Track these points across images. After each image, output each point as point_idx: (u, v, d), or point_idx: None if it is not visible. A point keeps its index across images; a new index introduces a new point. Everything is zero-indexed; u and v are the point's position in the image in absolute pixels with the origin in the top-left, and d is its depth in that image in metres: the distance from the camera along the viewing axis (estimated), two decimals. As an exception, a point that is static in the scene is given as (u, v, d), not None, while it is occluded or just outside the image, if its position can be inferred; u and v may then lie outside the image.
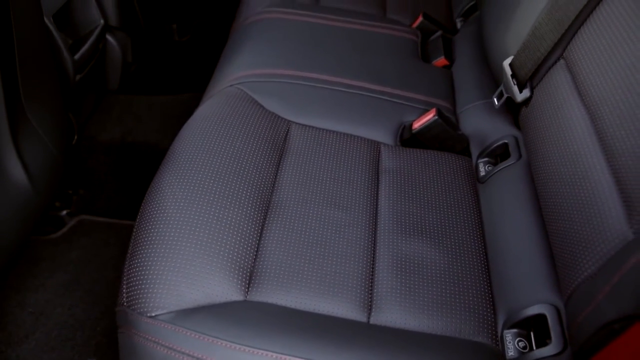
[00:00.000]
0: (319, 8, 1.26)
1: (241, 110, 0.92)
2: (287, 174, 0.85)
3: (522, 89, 0.87)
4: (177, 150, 0.85)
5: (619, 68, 0.64)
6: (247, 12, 1.26)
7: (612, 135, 0.62)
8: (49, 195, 0.99)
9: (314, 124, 0.95)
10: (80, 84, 1.20)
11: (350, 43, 1.14)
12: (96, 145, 1.42)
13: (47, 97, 0.94)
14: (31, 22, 0.87)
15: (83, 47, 1.15)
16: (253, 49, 1.10)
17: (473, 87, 1.07)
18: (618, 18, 0.67)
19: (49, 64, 0.94)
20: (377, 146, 0.94)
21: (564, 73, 0.78)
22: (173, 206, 0.76)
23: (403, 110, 1.01)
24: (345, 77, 1.04)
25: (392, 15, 1.30)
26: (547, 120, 0.78)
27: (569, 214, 0.67)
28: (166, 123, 1.49)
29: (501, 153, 0.94)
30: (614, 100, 0.64)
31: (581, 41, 0.75)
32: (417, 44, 1.19)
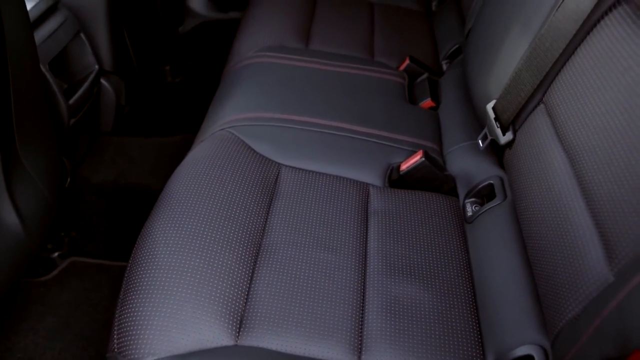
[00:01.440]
0: (308, 52, 1.29)
1: (232, 154, 0.94)
2: (277, 217, 0.86)
3: (505, 132, 0.90)
4: (168, 194, 0.86)
5: (594, 114, 0.67)
6: (239, 56, 1.30)
7: (591, 180, 0.64)
8: (40, 238, 0.99)
9: (304, 167, 0.97)
10: (74, 127, 1.22)
11: (339, 86, 1.17)
12: (89, 187, 1.43)
13: (41, 142, 0.96)
14: (28, 70, 0.89)
15: (78, 92, 1.18)
16: (244, 93, 1.13)
17: (459, 129, 1.10)
18: (592, 67, 0.70)
19: (43, 110, 0.96)
20: (366, 188, 0.96)
21: (544, 117, 0.80)
22: (164, 251, 0.77)
23: (391, 151, 1.03)
24: (335, 120, 1.07)
25: (380, 59, 1.34)
26: (529, 162, 0.81)
27: (552, 256, 0.68)
28: (158, 165, 1.51)
29: (487, 193, 0.96)
30: (591, 146, 0.66)
31: (559, 87, 0.78)
32: (404, 87, 1.23)
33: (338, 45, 1.35)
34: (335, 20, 1.45)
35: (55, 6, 1.13)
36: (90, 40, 1.24)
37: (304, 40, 1.35)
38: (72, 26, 1.16)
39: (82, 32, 1.20)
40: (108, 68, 1.32)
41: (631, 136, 0.59)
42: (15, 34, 0.82)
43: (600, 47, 0.70)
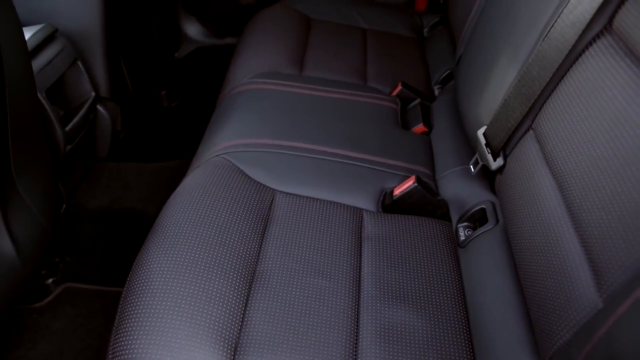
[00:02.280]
0: (302, 78, 1.31)
1: (227, 180, 0.95)
2: (271, 243, 0.87)
3: (495, 158, 0.91)
4: (163, 222, 0.87)
5: (581, 142, 0.69)
6: (233, 83, 1.32)
7: (579, 206, 0.66)
8: (35, 265, 0.99)
9: (298, 192, 0.98)
10: (70, 153, 1.23)
11: (332, 112, 1.19)
12: (84, 213, 1.44)
13: (37, 169, 0.96)
14: (25, 98, 0.90)
15: (74, 119, 1.19)
16: (239, 120, 1.14)
17: (451, 154, 1.11)
18: (578, 96, 0.72)
19: (40, 138, 0.97)
20: (360, 213, 0.97)
21: (533, 144, 0.82)
22: (159, 278, 0.77)
23: (384, 177, 1.05)
24: (328, 146, 1.09)
25: (373, 84, 1.36)
26: (519, 188, 0.82)
27: (543, 282, 0.69)
28: (153, 190, 1.52)
29: (480, 218, 0.98)
30: (579, 172, 0.68)
31: (547, 115, 0.79)
32: (396, 112, 1.24)
33: (332, 71, 1.37)
34: (329, 47, 1.48)
35: (53, 35, 1.15)
36: (87, 68, 1.26)
37: (298, 66, 1.37)
38: (69, 54, 1.18)
39: (79, 60, 1.22)
40: (104, 94, 1.34)
41: (617, 164, 0.61)
42: (13, 63, 0.84)
43: (585, 76, 0.72)
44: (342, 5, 1.69)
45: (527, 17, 0.90)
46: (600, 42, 0.71)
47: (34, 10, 1.16)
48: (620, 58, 0.67)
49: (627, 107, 0.62)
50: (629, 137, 0.60)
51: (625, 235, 0.57)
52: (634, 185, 0.57)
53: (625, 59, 0.66)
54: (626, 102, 0.63)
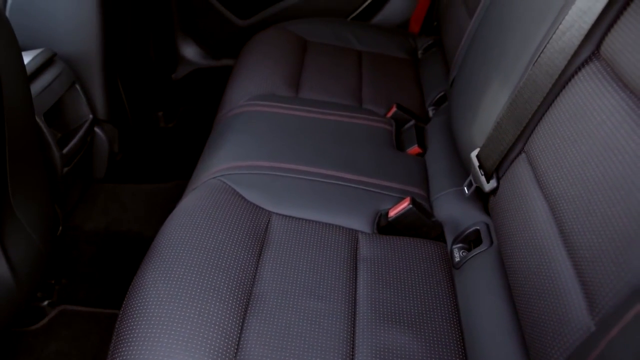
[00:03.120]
0: (298, 100, 1.33)
1: (223, 202, 0.96)
2: (267, 265, 0.87)
3: (489, 180, 0.92)
4: (159, 245, 0.88)
5: (571, 165, 0.70)
6: (230, 105, 1.33)
7: (571, 229, 0.66)
8: (30, 287, 0.99)
9: (294, 214, 0.99)
10: (67, 175, 1.24)
11: (328, 134, 1.20)
12: (80, 235, 1.44)
13: (34, 192, 0.97)
14: (23, 122, 0.91)
15: (72, 141, 1.20)
16: (235, 142, 1.15)
17: (445, 175, 1.12)
18: (568, 119, 0.73)
19: (37, 160, 0.98)
20: (355, 234, 0.97)
21: (525, 166, 0.83)
22: (155, 302, 0.78)
23: (379, 198, 1.05)
24: (323, 168, 1.10)
25: (368, 106, 1.38)
26: (512, 210, 0.83)
27: (536, 304, 0.69)
28: (150, 212, 1.52)
29: (474, 239, 0.98)
30: (570, 195, 0.68)
31: (539, 138, 0.81)
32: (391, 133, 1.26)
33: (327, 93, 1.39)
34: (325, 68, 1.50)
35: (52, 59, 1.16)
36: (85, 91, 1.27)
37: (294, 88, 1.39)
38: (68, 78, 1.19)
39: (77, 83, 1.23)
40: (102, 117, 1.35)
41: (606, 188, 0.62)
42: (12, 87, 0.85)
43: (575, 100, 0.73)
44: (337, 28, 1.72)
45: (517, 43, 0.92)
46: (589, 68, 0.73)
47: (33, 34, 1.18)
48: (607, 83, 0.68)
49: (615, 131, 0.63)
50: (617, 161, 0.62)
51: (615, 258, 0.57)
52: (623, 209, 0.58)
53: (612, 84, 0.67)
54: (614, 126, 0.64)
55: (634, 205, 0.57)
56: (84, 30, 1.21)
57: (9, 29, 0.87)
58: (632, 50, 0.65)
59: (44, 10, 1.16)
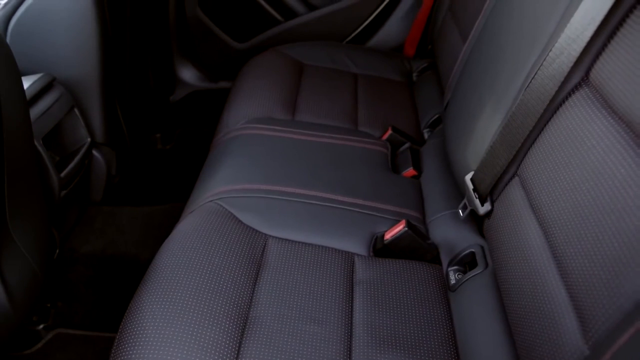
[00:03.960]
0: (294, 123, 1.34)
1: (219, 226, 0.97)
2: (264, 289, 0.88)
3: (483, 203, 0.93)
4: (156, 268, 0.88)
5: (563, 189, 0.71)
6: (227, 128, 1.34)
7: (563, 253, 0.67)
8: (26, 310, 0.99)
9: (290, 237, 0.99)
10: (65, 198, 1.24)
11: (324, 157, 1.21)
12: (77, 258, 1.44)
13: (31, 215, 0.97)
14: (22, 147, 0.92)
15: (70, 164, 1.21)
16: (232, 165, 1.16)
17: (440, 198, 1.13)
18: (560, 144, 0.75)
19: (35, 184, 0.98)
20: (351, 257, 0.98)
21: (519, 190, 0.84)
22: (152, 326, 0.78)
23: (375, 221, 1.06)
24: (320, 190, 1.10)
25: (363, 128, 1.39)
26: (506, 233, 0.84)
27: (531, 327, 0.70)
28: (147, 234, 1.52)
29: (469, 261, 0.99)
30: (563, 220, 0.69)
31: (531, 162, 0.82)
32: (387, 156, 1.27)
33: (323, 115, 1.40)
34: (321, 91, 1.51)
35: (51, 84, 1.17)
36: (83, 114, 1.28)
37: (290, 111, 1.40)
38: (67, 102, 1.20)
39: (76, 107, 1.24)
40: (100, 140, 1.36)
41: (597, 213, 0.63)
42: (12, 112, 0.86)
43: (566, 126, 0.75)
44: (333, 51, 1.74)
45: (509, 68, 0.94)
46: (579, 94, 0.74)
47: (33, 59, 1.19)
48: (597, 109, 0.69)
49: (605, 157, 0.65)
50: (607, 186, 0.63)
51: (607, 283, 0.58)
52: (614, 234, 0.59)
53: (602, 110, 0.69)
54: (604, 152, 0.65)
55: (624, 230, 0.58)
56: (84, 55, 1.22)
57: (9, 55, 0.88)
58: (620, 77, 0.67)
59: (45, 35, 1.18)
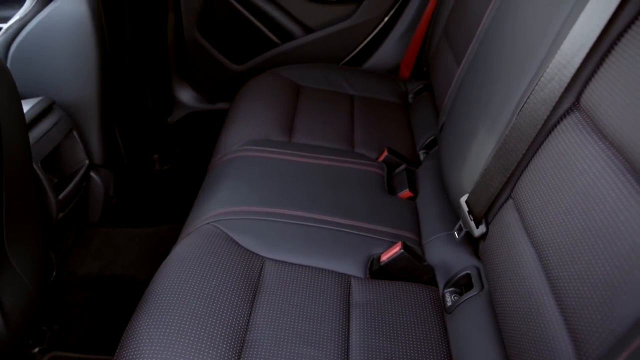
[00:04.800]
0: (291, 145, 1.35)
1: (217, 248, 0.97)
2: (260, 311, 0.88)
3: (478, 225, 0.94)
4: (153, 291, 0.88)
5: (556, 212, 0.72)
6: (224, 150, 1.36)
7: (557, 276, 0.68)
8: (21, 333, 0.99)
9: (287, 259, 1.00)
10: (62, 220, 1.24)
11: (320, 178, 1.23)
12: (73, 280, 1.44)
13: (29, 238, 0.98)
14: (20, 170, 0.92)
15: (68, 187, 1.21)
16: (229, 187, 1.17)
17: (436, 219, 1.14)
18: (552, 168, 0.76)
19: (33, 206, 0.99)
20: (348, 279, 0.98)
21: (513, 212, 0.85)
22: (149, 350, 0.78)
23: (371, 243, 1.07)
24: (316, 212, 1.11)
25: (360, 150, 1.40)
26: (501, 256, 0.84)
27: (526, 350, 0.70)
28: (144, 255, 1.52)
29: (466, 283, 0.99)
30: (556, 243, 0.70)
31: (525, 185, 0.83)
32: (383, 178, 1.28)
33: (320, 137, 1.41)
34: (317, 113, 1.53)
35: (50, 107, 1.19)
36: (82, 137, 1.29)
37: (287, 133, 1.41)
38: (65, 125, 1.21)
39: (75, 130, 1.25)
40: (98, 162, 1.37)
41: (589, 236, 0.64)
42: (11, 136, 0.87)
43: (558, 150, 0.76)
44: (330, 73, 1.76)
45: (502, 92, 0.95)
46: (570, 118, 0.76)
47: (34, 83, 1.21)
48: (587, 134, 0.71)
49: (596, 181, 0.66)
50: (599, 210, 0.64)
51: (600, 307, 0.59)
52: (606, 258, 0.60)
53: (592, 135, 0.70)
54: (595, 176, 0.66)
55: (616, 254, 0.59)
56: (83, 78, 1.24)
57: (10, 79, 0.89)
58: (609, 102, 0.68)
59: (45, 59, 1.19)
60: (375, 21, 1.93)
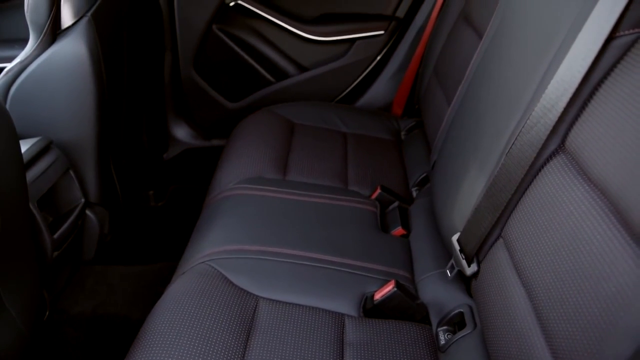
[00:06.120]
0: (285, 183, 1.37)
1: (211, 288, 0.98)
2: (254, 352, 0.88)
3: (470, 264, 0.95)
4: (148, 331, 0.88)
5: (545, 253, 0.73)
6: (219, 188, 1.37)
7: (547, 317, 0.69)
8: (13, 376, 0.98)
9: (281, 298, 1.00)
10: (57, 259, 1.24)
11: (314, 216, 1.24)
12: (66, 319, 1.43)
13: (23, 278, 0.98)
14: (17, 210, 0.93)
15: (63, 225, 1.22)
16: (223, 226, 1.18)
17: (429, 257, 1.15)
18: (540, 209, 0.78)
19: (28, 247, 0.99)
20: (342, 318, 0.99)
21: (503, 252, 0.86)
22: (141, 393, 0.78)
23: (365, 281, 1.07)
24: (310, 251, 1.12)
25: (353, 187, 1.42)
26: (493, 295, 0.85)
27: (519, 391, 0.71)
28: (138, 294, 1.52)
29: (459, 321, 1.00)
30: (545, 283, 0.71)
31: (514, 224, 0.85)
32: (376, 215, 1.30)
33: (314, 175, 1.43)
34: (311, 150, 1.55)
35: (48, 147, 1.20)
36: (78, 175, 1.30)
37: (281, 171, 1.43)
38: (62, 165, 1.23)
39: (71, 169, 1.27)
40: (94, 200, 1.38)
41: (577, 278, 0.65)
42: (8, 177, 0.88)
43: (545, 191, 0.78)
44: (323, 110, 1.79)
45: (491, 133, 0.98)
46: (556, 160, 0.78)
47: (32, 123, 1.22)
48: (573, 176, 0.73)
49: (582, 223, 0.67)
50: (585, 252, 0.65)
51: (589, 348, 0.60)
52: (593, 300, 0.61)
53: (577, 177, 0.72)
54: (581, 218, 0.68)
55: (603, 296, 0.60)
56: (81, 118, 1.26)
57: (9, 121, 0.91)
58: (593, 146, 0.71)
59: (44, 100, 1.21)
60: (367, 60, 1.98)
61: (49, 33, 1.17)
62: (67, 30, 1.20)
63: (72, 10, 1.20)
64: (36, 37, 1.18)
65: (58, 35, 1.19)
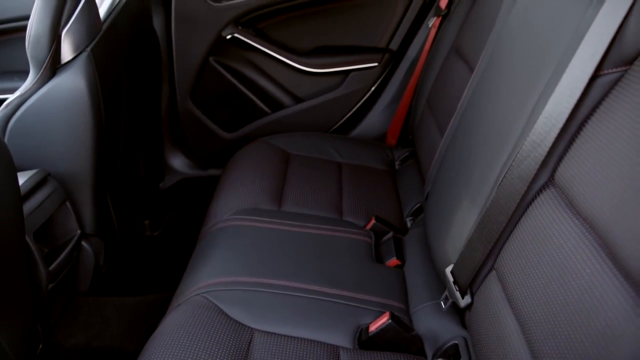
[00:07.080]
0: (281, 214, 1.38)
1: (206, 321, 0.98)
2: (249, 386, 0.88)
3: (463, 295, 0.96)
4: (142, 367, 0.88)
5: (537, 287, 0.74)
6: (215, 219, 1.38)
7: (540, 350, 0.69)
8: (5, 411, 0.97)
9: (276, 330, 1.00)
10: (51, 291, 1.24)
11: (309, 247, 1.24)
12: (60, 352, 1.41)
13: (17, 312, 0.97)
14: (12, 242, 0.94)
15: (59, 257, 1.22)
16: (218, 257, 1.19)
17: (423, 288, 1.16)
18: (531, 242, 0.79)
19: (23, 280, 0.99)
20: (336, 351, 0.98)
21: (496, 284, 0.87)
22: None
23: (359, 313, 1.08)
24: (304, 282, 1.12)
25: (348, 218, 1.43)
26: (486, 327, 0.86)
27: None
28: (133, 326, 1.51)
29: (454, 353, 1.00)
30: (538, 316, 0.72)
31: (507, 257, 0.86)
32: (371, 246, 1.30)
33: (309, 205, 1.44)
34: (306, 181, 1.56)
35: (45, 179, 1.21)
36: (74, 207, 1.31)
37: (277, 202, 1.44)
38: (59, 197, 1.23)
39: (68, 201, 1.27)
40: (90, 231, 1.38)
41: (568, 311, 0.66)
42: (5, 210, 0.89)
43: (535, 224, 0.79)
44: (318, 141, 1.81)
45: (482, 166, 1.00)
46: (545, 194, 0.79)
47: (30, 156, 1.23)
48: (562, 210, 0.74)
49: (572, 256, 0.69)
50: (576, 285, 0.66)
51: (581, 382, 0.60)
52: (584, 334, 0.62)
53: (567, 211, 0.73)
54: (571, 251, 0.69)
55: (593, 330, 0.61)
56: (79, 150, 1.27)
57: (7, 154, 0.92)
58: (581, 180, 0.72)
59: (42, 133, 1.23)
60: (362, 91, 2.01)
61: (49, 68, 1.19)
62: (67, 64, 1.22)
63: (72, 46, 1.22)
64: (36, 72, 1.20)
65: (58, 70, 1.22)
